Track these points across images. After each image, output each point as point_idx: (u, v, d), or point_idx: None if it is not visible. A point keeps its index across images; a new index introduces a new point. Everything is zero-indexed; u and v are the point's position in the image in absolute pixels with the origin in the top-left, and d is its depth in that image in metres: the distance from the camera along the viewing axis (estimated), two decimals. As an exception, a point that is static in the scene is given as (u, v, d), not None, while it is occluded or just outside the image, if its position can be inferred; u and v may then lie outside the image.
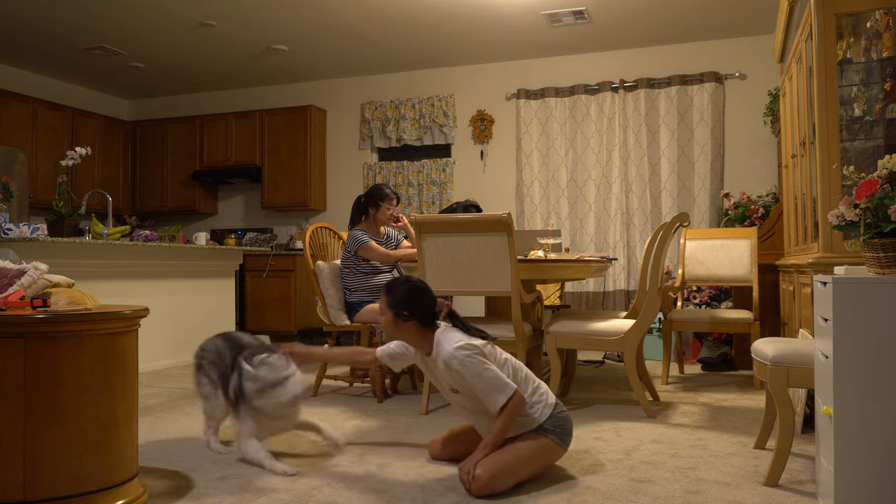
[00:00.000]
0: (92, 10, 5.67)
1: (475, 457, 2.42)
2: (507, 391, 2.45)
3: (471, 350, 2.48)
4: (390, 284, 2.64)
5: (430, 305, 2.61)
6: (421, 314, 2.58)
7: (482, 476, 2.34)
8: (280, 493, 2.42)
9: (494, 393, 2.44)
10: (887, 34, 3.03)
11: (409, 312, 2.57)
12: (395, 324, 2.59)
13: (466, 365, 2.46)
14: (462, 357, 2.46)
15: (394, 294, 2.60)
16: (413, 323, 2.58)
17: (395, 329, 2.60)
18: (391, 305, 2.59)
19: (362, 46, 6.59)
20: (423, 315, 2.59)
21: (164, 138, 8.06)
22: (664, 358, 4.66)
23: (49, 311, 2.12)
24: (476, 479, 2.34)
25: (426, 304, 2.60)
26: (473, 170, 7.15)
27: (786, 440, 2.47)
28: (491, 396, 2.45)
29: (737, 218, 5.74)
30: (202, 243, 6.04)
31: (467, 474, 2.38)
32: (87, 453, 2.10)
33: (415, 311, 2.57)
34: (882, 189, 2.08)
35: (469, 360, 2.46)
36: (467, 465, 2.40)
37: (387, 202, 4.32)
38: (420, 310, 2.58)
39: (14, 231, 4.27)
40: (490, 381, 2.45)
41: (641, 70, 6.58)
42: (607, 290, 6.55)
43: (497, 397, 2.44)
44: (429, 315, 2.60)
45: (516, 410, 2.46)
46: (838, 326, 1.99)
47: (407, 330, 2.60)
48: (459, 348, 2.48)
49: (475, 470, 2.36)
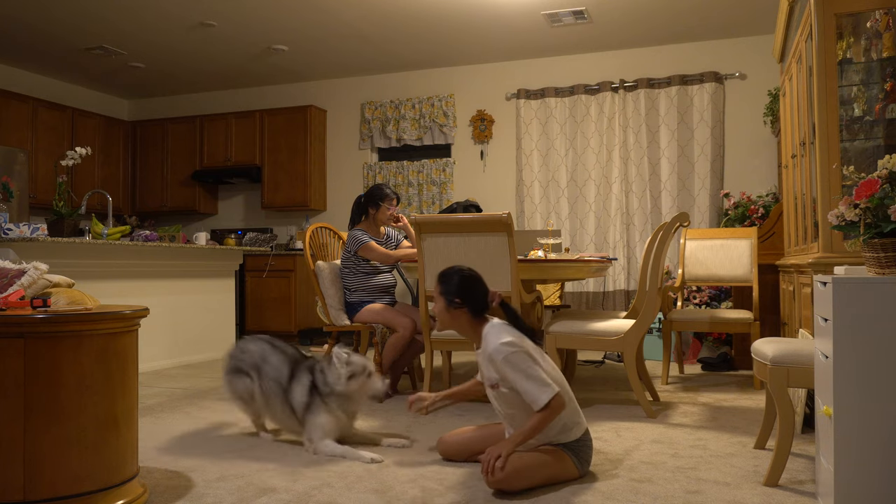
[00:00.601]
0: (92, 11, 5.67)
1: (505, 447, 2.41)
2: (549, 391, 2.44)
3: (517, 348, 2.48)
4: (444, 273, 2.68)
5: (482, 294, 2.63)
6: (473, 302, 2.61)
7: (503, 470, 2.35)
8: (280, 493, 2.42)
9: (537, 391, 2.43)
10: (887, 34, 3.03)
11: (461, 300, 2.60)
12: (447, 311, 2.63)
13: (510, 361, 2.46)
14: (506, 352, 2.47)
15: (447, 282, 2.64)
16: (465, 311, 2.61)
17: (448, 316, 2.64)
18: (444, 293, 2.63)
19: (362, 46, 6.59)
20: (475, 303, 2.62)
21: (164, 138, 8.06)
22: (664, 358, 4.66)
23: (49, 311, 2.12)
24: (496, 471, 2.35)
25: (478, 292, 2.63)
26: (473, 170, 7.15)
27: (786, 440, 2.46)
28: (533, 394, 2.44)
29: (737, 218, 5.74)
30: (202, 243, 6.04)
31: (489, 465, 2.37)
32: (87, 453, 2.10)
33: (467, 298, 2.61)
34: (882, 189, 2.08)
35: (514, 357, 2.46)
36: (494, 452, 2.39)
37: (387, 202, 4.32)
38: (472, 298, 2.61)
39: (14, 231, 4.27)
40: (533, 380, 2.44)
41: (641, 70, 6.58)
42: (607, 290, 6.55)
43: (539, 395, 2.43)
44: (480, 304, 2.62)
45: (555, 412, 2.45)
46: (838, 326, 1.99)
47: (459, 318, 2.63)
48: (506, 344, 2.48)
49: (497, 462, 2.36)
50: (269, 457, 2.89)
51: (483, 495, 2.39)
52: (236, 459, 2.85)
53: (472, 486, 2.47)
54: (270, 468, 2.72)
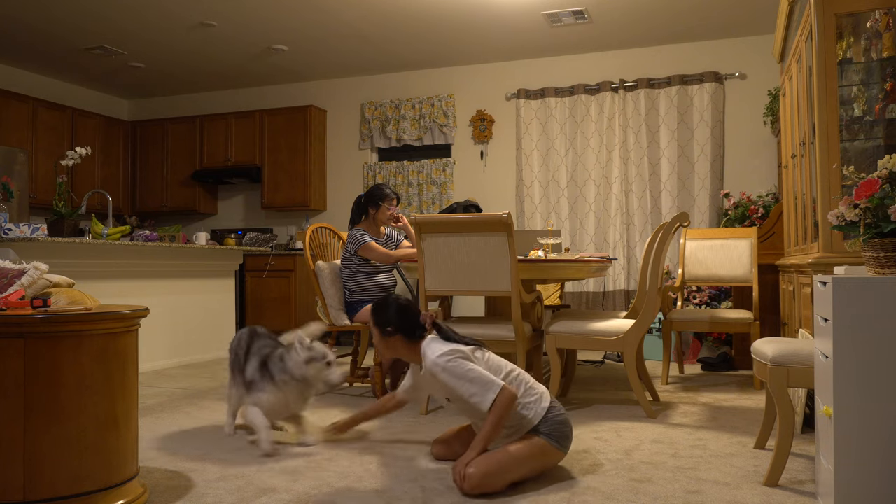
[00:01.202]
0: (92, 10, 5.67)
1: (467, 456, 2.42)
2: (494, 388, 2.45)
3: (452, 355, 2.52)
4: (374, 305, 2.78)
5: (412, 318, 2.72)
6: (404, 327, 2.70)
7: (474, 475, 2.34)
8: (280, 493, 2.42)
9: (481, 392, 2.45)
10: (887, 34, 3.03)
11: (392, 328, 2.70)
12: (383, 340, 2.74)
13: (448, 370, 2.50)
14: (443, 363, 2.51)
15: (377, 313, 2.75)
16: (399, 337, 2.71)
17: (385, 345, 2.75)
18: (376, 324, 2.74)
19: (362, 46, 6.59)
20: (407, 328, 2.70)
21: (164, 138, 8.06)
22: (664, 358, 4.66)
23: (49, 311, 2.12)
24: (468, 478, 2.34)
25: (409, 317, 2.71)
26: (473, 170, 7.15)
27: (786, 440, 2.47)
28: (478, 396, 2.45)
29: (737, 218, 5.74)
30: (202, 243, 6.04)
31: (459, 474, 2.38)
32: (87, 453, 2.10)
33: (398, 325, 2.70)
34: (882, 189, 2.08)
35: (450, 365, 2.50)
36: (459, 465, 2.40)
37: (387, 202, 4.32)
38: (403, 323, 2.70)
39: (14, 231, 4.27)
40: (475, 381, 2.46)
41: (641, 70, 6.58)
42: (607, 290, 6.55)
43: (484, 396, 2.44)
44: (413, 327, 2.71)
45: (506, 407, 2.45)
46: (838, 326, 1.99)
47: (394, 344, 2.73)
48: (441, 355, 2.54)
49: (466, 469, 2.36)
50: (269, 457, 2.89)
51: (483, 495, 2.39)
52: (236, 459, 2.85)
53: (472, 486, 2.47)
54: (270, 468, 2.72)
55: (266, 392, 2.99)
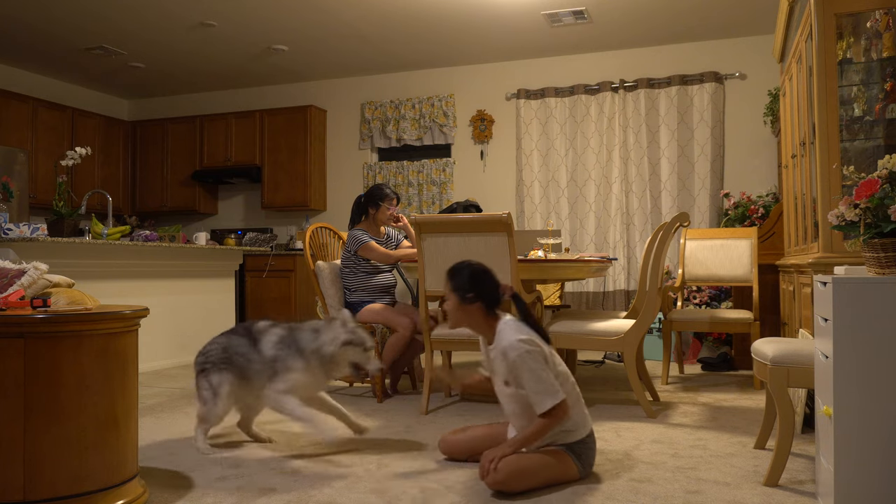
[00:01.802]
0: (92, 10, 5.67)
1: (503, 449, 2.41)
2: (557, 397, 2.42)
3: (533, 346, 2.46)
4: (453, 269, 2.63)
5: (493, 287, 2.60)
6: (486, 296, 2.58)
7: (502, 471, 2.35)
8: (280, 493, 2.42)
9: (544, 394, 2.42)
10: (887, 34, 3.03)
11: (474, 294, 2.56)
12: (460, 307, 2.59)
13: (524, 358, 2.43)
14: (522, 349, 2.44)
15: (457, 278, 2.60)
16: (479, 305, 2.57)
17: (462, 313, 2.59)
18: (455, 289, 2.59)
19: (362, 46, 6.59)
20: (488, 297, 2.58)
21: (164, 138, 8.06)
22: (664, 358, 4.66)
23: (49, 311, 2.12)
24: (496, 471, 2.35)
25: (490, 286, 2.60)
26: (473, 170, 7.15)
27: (786, 440, 2.47)
28: (539, 396, 2.43)
29: (737, 218, 5.74)
30: (202, 243, 6.04)
31: (490, 462, 2.37)
32: (87, 453, 2.10)
33: (480, 293, 2.57)
34: (882, 189, 2.08)
35: (528, 355, 2.44)
36: (492, 455, 2.39)
37: (387, 202, 4.32)
38: (485, 291, 2.58)
39: (14, 231, 4.27)
40: (542, 382, 2.43)
41: (641, 70, 6.58)
42: (607, 290, 6.55)
43: (545, 399, 2.42)
44: (493, 297, 2.59)
45: (558, 419, 2.44)
46: (838, 326, 1.99)
47: (473, 313, 2.59)
48: (523, 341, 2.46)
49: (498, 463, 2.36)
50: (269, 457, 2.89)
51: (483, 496, 2.39)
52: (236, 459, 2.84)
53: (473, 487, 2.47)
54: (270, 468, 2.72)
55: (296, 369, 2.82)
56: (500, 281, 2.64)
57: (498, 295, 2.60)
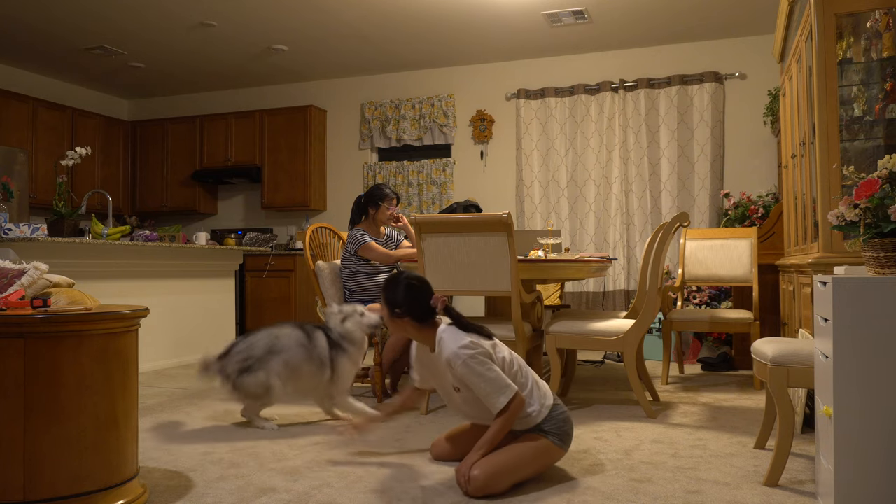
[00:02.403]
0: (92, 10, 5.67)
1: (471, 458, 2.42)
2: (508, 393, 2.44)
3: (475, 350, 2.46)
4: (386, 282, 2.65)
5: (424, 301, 2.59)
6: (415, 310, 2.57)
7: (479, 477, 2.34)
8: (280, 493, 2.42)
9: (495, 395, 2.43)
10: (887, 34, 3.03)
11: (401, 310, 2.57)
12: (391, 321, 2.62)
13: (469, 366, 2.44)
14: (465, 356, 2.45)
15: (387, 292, 2.62)
16: (408, 319, 2.58)
17: (393, 325, 2.63)
18: (386, 303, 2.62)
19: (362, 46, 6.59)
20: (418, 311, 2.58)
21: (164, 138, 8.06)
22: (664, 358, 4.66)
23: (49, 311, 2.12)
24: (473, 479, 2.34)
25: (421, 299, 2.59)
26: (473, 170, 7.15)
27: (786, 440, 2.47)
28: (492, 398, 2.44)
29: (737, 218, 5.74)
30: (202, 243, 6.04)
31: (464, 476, 2.37)
32: (87, 453, 2.10)
33: (409, 307, 2.57)
34: (882, 189, 2.08)
35: (472, 361, 2.44)
36: (464, 467, 2.40)
37: (386, 202, 4.32)
38: (414, 306, 2.57)
39: (14, 231, 4.27)
40: (492, 383, 2.44)
41: (641, 70, 6.58)
42: (607, 290, 6.55)
43: (498, 399, 2.43)
44: (423, 311, 2.59)
45: (515, 413, 2.45)
46: (838, 326, 1.99)
47: (404, 326, 2.61)
48: (464, 347, 2.46)
49: (471, 471, 2.35)
50: (269, 457, 2.89)
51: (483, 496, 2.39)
52: (236, 459, 2.85)
53: (472, 486, 2.47)
54: (271, 468, 2.72)
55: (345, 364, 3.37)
56: (432, 293, 2.62)
57: (429, 308, 2.59)
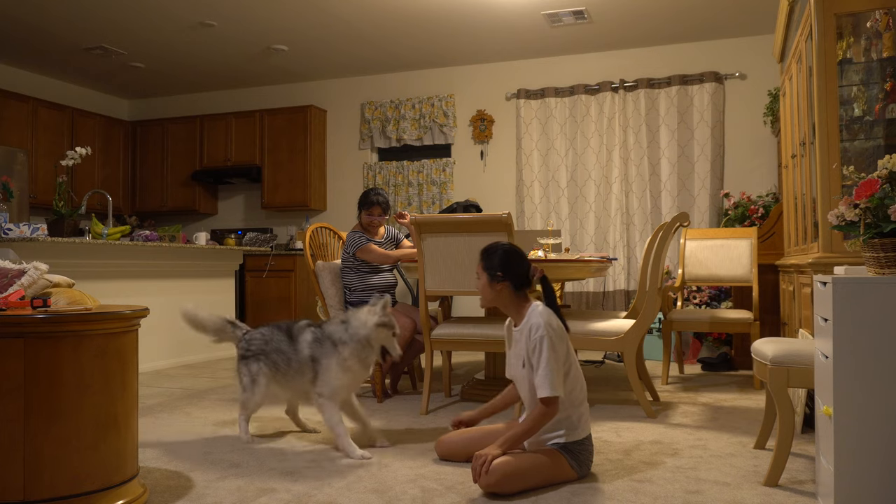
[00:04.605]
0: (92, 10, 5.67)
1: (492, 450, 2.42)
2: (554, 391, 2.45)
3: (559, 337, 2.51)
4: (487, 248, 2.69)
5: (524, 269, 2.64)
6: (515, 276, 2.62)
7: (494, 473, 2.34)
8: (280, 493, 2.42)
9: (546, 383, 2.45)
10: (887, 34, 3.03)
11: (503, 274, 2.61)
12: (489, 285, 2.64)
13: (545, 343, 2.47)
14: (548, 333, 2.48)
15: (489, 257, 2.65)
16: (507, 284, 2.61)
17: (490, 291, 2.64)
18: (486, 268, 2.64)
19: (362, 46, 6.59)
20: (517, 278, 2.62)
21: (164, 138, 8.06)
22: (664, 358, 4.66)
23: (49, 311, 2.12)
24: (489, 474, 2.34)
25: (521, 267, 2.64)
26: (473, 170, 7.14)
27: (786, 440, 2.46)
28: (541, 380, 2.46)
29: (737, 218, 5.74)
30: (202, 243, 6.04)
31: (482, 465, 2.37)
32: (87, 453, 2.10)
33: (509, 272, 2.61)
34: (882, 189, 2.08)
35: (550, 342, 2.48)
36: (484, 456, 2.39)
37: (366, 210, 4.32)
38: (514, 272, 2.62)
39: (14, 231, 4.27)
40: (551, 372, 2.46)
41: (641, 70, 6.58)
42: (607, 290, 6.55)
43: (545, 387, 2.45)
44: (522, 278, 2.64)
45: (546, 417, 2.47)
46: (838, 326, 1.99)
47: (500, 292, 2.63)
48: (551, 327, 2.51)
49: (489, 465, 2.36)
50: (269, 456, 2.89)
51: (483, 496, 2.39)
52: (236, 459, 2.85)
53: (472, 487, 2.47)
54: (271, 468, 2.72)
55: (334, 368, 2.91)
56: (531, 265, 2.68)
57: (528, 277, 2.65)
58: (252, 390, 3.09)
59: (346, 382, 2.95)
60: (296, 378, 3.03)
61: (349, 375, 2.95)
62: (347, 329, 2.95)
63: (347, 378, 2.95)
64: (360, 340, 2.93)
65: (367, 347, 2.95)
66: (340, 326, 2.98)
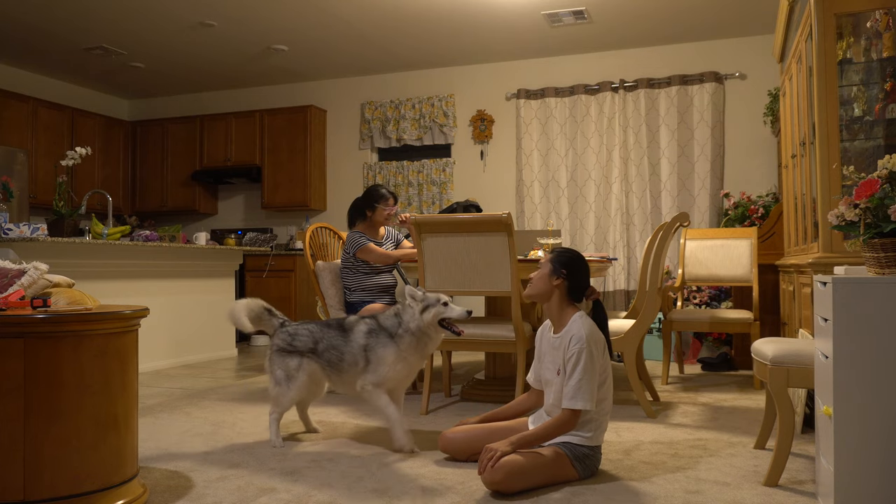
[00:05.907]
0: (92, 10, 5.67)
1: (503, 445, 2.42)
2: (584, 405, 2.47)
3: (599, 351, 2.54)
4: (563, 249, 2.75)
5: (584, 281, 2.68)
6: (573, 280, 2.65)
7: (500, 470, 2.35)
8: (280, 493, 2.42)
9: (577, 396, 2.47)
10: (887, 34, 3.03)
11: (566, 272, 2.64)
12: (548, 277, 2.66)
13: (584, 355, 2.49)
14: (588, 347, 2.50)
15: (561, 253, 2.70)
16: (563, 284, 2.64)
17: (545, 283, 2.66)
18: (553, 260, 2.68)
19: (362, 46, 6.59)
20: (575, 283, 2.65)
21: (164, 138, 8.06)
22: (664, 358, 4.66)
23: (49, 311, 2.12)
24: (495, 470, 2.35)
25: (582, 276, 2.67)
26: (473, 170, 7.14)
27: (786, 440, 2.46)
28: (572, 393, 2.48)
29: (737, 218, 5.74)
30: (202, 243, 6.04)
31: (489, 459, 2.37)
32: (87, 453, 2.10)
33: (571, 274, 2.64)
34: (882, 189, 2.08)
35: (590, 354, 2.50)
36: (493, 451, 2.40)
37: (382, 203, 4.32)
38: (575, 277, 2.65)
39: (14, 231, 4.27)
40: (583, 386, 2.47)
41: (641, 70, 6.58)
42: (607, 290, 6.55)
43: (575, 400, 2.47)
44: (579, 288, 2.66)
45: (566, 427, 2.50)
46: (838, 326, 1.99)
47: (552, 290, 2.65)
48: (595, 343, 2.53)
49: (497, 461, 2.36)
50: (269, 457, 2.89)
51: (483, 496, 2.39)
52: (236, 459, 2.85)
53: (473, 487, 2.47)
54: (270, 468, 2.72)
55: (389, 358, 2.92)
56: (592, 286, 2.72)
57: (583, 289, 2.68)
58: (287, 385, 3.05)
59: (400, 373, 2.97)
60: (350, 370, 3.02)
61: (404, 365, 2.97)
62: (401, 323, 2.97)
63: (402, 368, 2.97)
64: (413, 332, 2.95)
65: (424, 337, 2.97)
66: (394, 319, 3.01)
